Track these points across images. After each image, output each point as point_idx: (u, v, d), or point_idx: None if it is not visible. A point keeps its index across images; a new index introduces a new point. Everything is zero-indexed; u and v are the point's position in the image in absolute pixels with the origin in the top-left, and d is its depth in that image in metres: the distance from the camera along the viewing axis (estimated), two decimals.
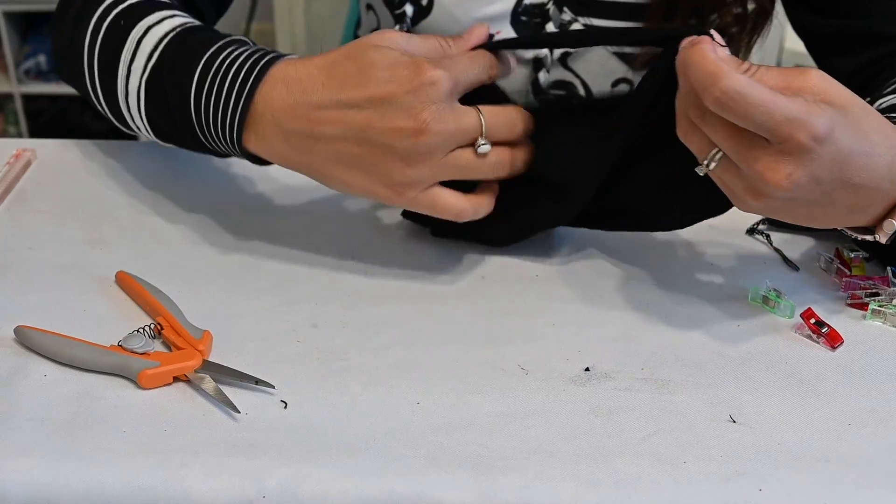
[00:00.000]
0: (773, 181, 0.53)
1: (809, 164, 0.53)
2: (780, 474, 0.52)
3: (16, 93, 2.03)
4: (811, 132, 0.52)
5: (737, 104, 0.52)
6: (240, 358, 0.59)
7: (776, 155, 0.53)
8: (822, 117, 0.53)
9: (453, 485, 0.51)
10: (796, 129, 0.52)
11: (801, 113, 0.52)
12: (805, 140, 0.52)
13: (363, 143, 0.60)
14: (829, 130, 0.53)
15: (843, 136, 0.54)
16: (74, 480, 0.50)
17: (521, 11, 0.86)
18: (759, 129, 0.53)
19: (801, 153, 0.53)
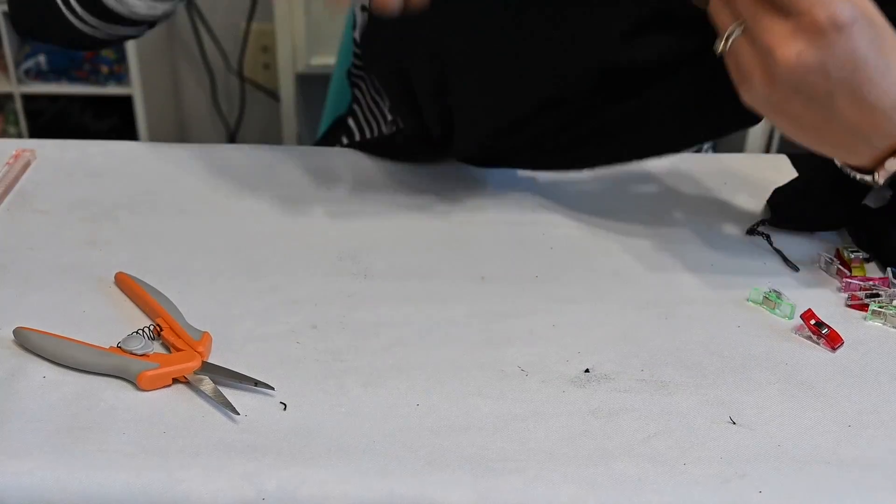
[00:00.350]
0: (783, 55, 0.52)
1: (822, 48, 0.52)
2: (781, 476, 0.52)
3: (16, 93, 2.03)
4: (831, 14, 0.51)
5: None
6: (239, 359, 0.59)
7: (792, 29, 0.52)
8: (847, 5, 0.52)
9: (453, 486, 0.51)
10: (817, 4, 0.51)
11: None
12: (823, 20, 0.51)
13: None
14: (851, 21, 0.51)
15: (863, 39, 0.52)
16: (73, 482, 0.50)
17: None
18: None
19: (817, 33, 0.51)
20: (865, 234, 0.71)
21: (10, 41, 1.98)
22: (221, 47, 2.14)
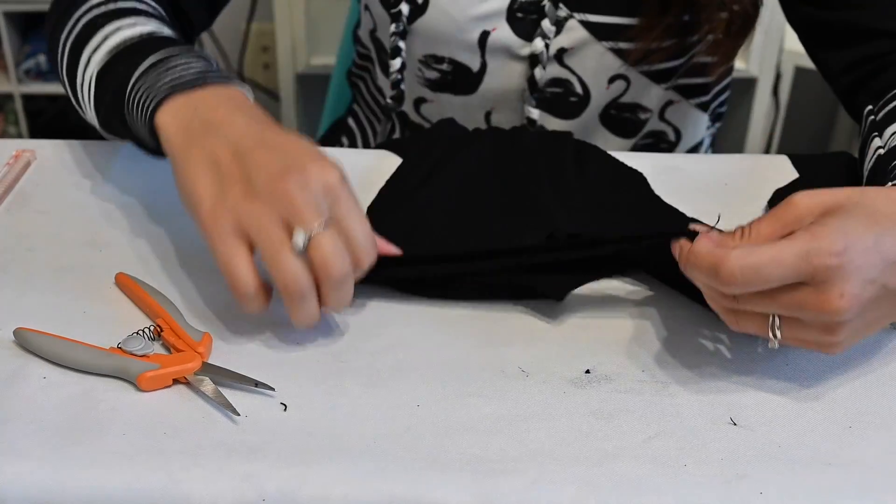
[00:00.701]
0: (833, 308, 0.52)
1: (850, 274, 0.52)
2: (781, 477, 0.52)
3: (16, 93, 2.02)
4: (829, 252, 0.52)
5: (748, 278, 0.52)
6: (239, 360, 0.59)
7: (817, 288, 0.52)
8: (829, 233, 0.52)
9: (453, 487, 0.50)
10: (814, 260, 0.52)
11: (809, 246, 0.52)
12: (829, 261, 0.52)
13: (236, 158, 0.59)
14: (844, 237, 0.52)
15: (860, 230, 0.53)
16: (74, 483, 0.50)
17: (516, 8, 0.86)
18: (784, 281, 0.53)
19: (836, 272, 0.52)
20: None
21: (10, 41, 1.98)
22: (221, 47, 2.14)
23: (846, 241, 0.52)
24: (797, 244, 0.52)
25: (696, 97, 0.96)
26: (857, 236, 0.53)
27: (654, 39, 0.85)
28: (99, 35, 0.71)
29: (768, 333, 0.55)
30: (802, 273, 0.52)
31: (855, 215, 0.54)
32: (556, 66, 0.88)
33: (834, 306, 0.52)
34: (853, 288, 0.52)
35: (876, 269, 0.53)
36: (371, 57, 1.01)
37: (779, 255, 0.52)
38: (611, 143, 0.94)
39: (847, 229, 0.53)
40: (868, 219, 0.54)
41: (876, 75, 0.79)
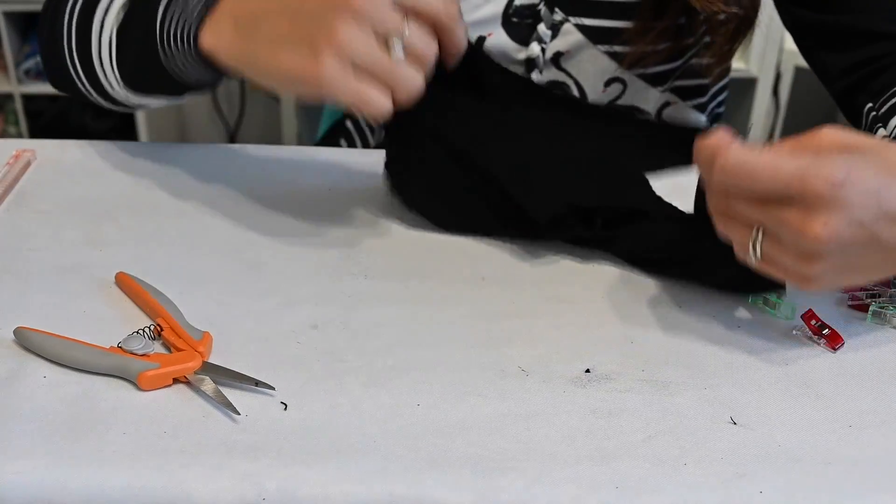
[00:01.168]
0: (812, 234, 0.52)
1: (840, 208, 0.52)
2: (781, 476, 0.52)
3: (16, 93, 2.02)
4: (826, 179, 0.51)
5: (738, 173, 0.52)
6: (239, 359, 0.59)
7: (804, 210, 0.52)
8: (833, 163, 0.52)
9: (453, 486, 0.51)
10: (810, 180, 0.51)
11: (808, 166, 0.52)
12: (822, 187, 0.51)
13: (296, 17, 0.61)
14: (845, 172, 0.52)
15: (867, 173, 0.53)
16: (74, 482, 0.50)
17: (511, 13, 0.86)
18: (773, 192, 0.52)
19: (826, 201, 0.52)
20: None
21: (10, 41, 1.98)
22: None
23: (847, 175, 0.52)
24: (798, 161, 0.52)
25: (694, 99, 0.96)
26: (861, 175, 0.52)
27: (650, 42, 0.85)
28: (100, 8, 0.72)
29: (748, 248, 0.55)
30: (792, 189, 0.52)
31: (869, 158, 0.54)
32: (552, 69, 0.88)
33: (814, 232, 0.52)
34: (839, 222, 0.52)
35: (869, 213, 0.53)
36: None
37: (776, 163, 0.52)
38: None
39: (854, 165, 0.52)
40: (880, 165, 0.53)
41: (874, 77, 0.79)
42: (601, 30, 0.85)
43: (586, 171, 0.72)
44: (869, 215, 0.53)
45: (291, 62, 0.61)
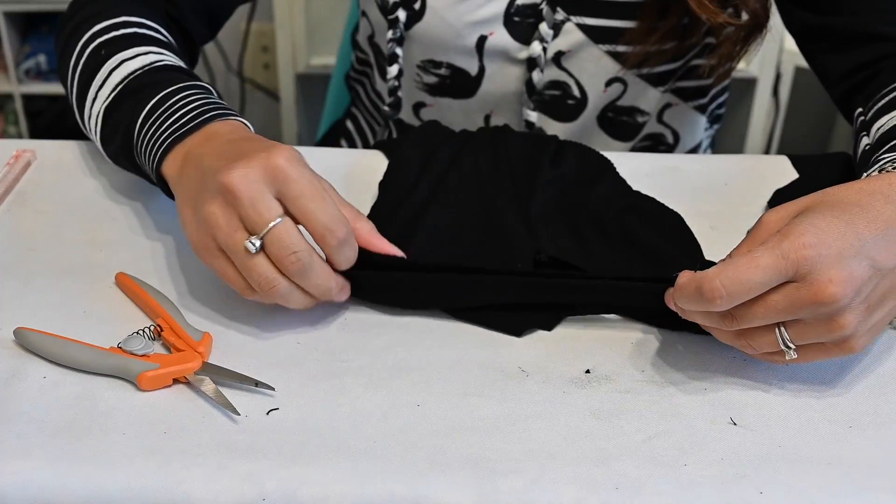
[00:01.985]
0: (827, 295, 0.52)
1: (830, 259, 0.52)
2: (781, 477, 0.52)
3: (16, 93, 2.02)
4: (802, 243, 0.52)
5: (731, 288, 0.52)
6: (239, 360, 0.59)
7: (805, 281, 0.53)
8: (797, 228, 0.53)
9: (453, 487, 0.50)
10: (790, 254, 0.52)
11: (779, 242, 0.53)
12: (806, 252, 0.52)
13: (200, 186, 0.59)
14: (813, 228, 0.53)
15: (829, 220, 0.54)
16: (74, 483, 0.50)
17: (513, 12, 0.86)
18: (768, 284, 0.53)
19: (816, 261, 0.52)
20: None
21: (10, 41, 1.98)
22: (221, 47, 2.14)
23: (816, 232, 0.53)
24: (770, 245, 0.53)
25: (695, 100, 0.95)
26: (826, 224, 0.53)
27: (653, 43, 0.85)
28: (104, 70, 0.72)
29: (780, 347, 0.55)
30: (783, 271, 0.52)
31: (820, 210, 0.55)
32: (553, 68, 0.88)
33: (826, 293, 0.52)
34: (840, 271, 0.52)
35: (854, 248, 0.53)
36: (370, 62, 1.01)
37: (754, 259, 0.53)
38: (609, 146, 0.94)
39: (815, 221, 0.54)
40: (834, 210, 0.55)
41: (869, 81, 0.78)
42: (603, 29, 0.85)
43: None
44: (854, 249, 0.53)
45: (185, 220, 0.61)
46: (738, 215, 0.75)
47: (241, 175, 0.56)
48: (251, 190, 0.56)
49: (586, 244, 0.69)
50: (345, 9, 1.29)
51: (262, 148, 0.58)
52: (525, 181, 0.75)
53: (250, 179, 0.57)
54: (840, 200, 0.56)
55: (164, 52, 0.74)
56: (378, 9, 0.91)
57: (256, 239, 0.57)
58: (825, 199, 0.56)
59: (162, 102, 0.67)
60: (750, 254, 0.53)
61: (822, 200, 0.56)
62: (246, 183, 0.56)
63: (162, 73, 0.70)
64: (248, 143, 0.61)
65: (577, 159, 0.78)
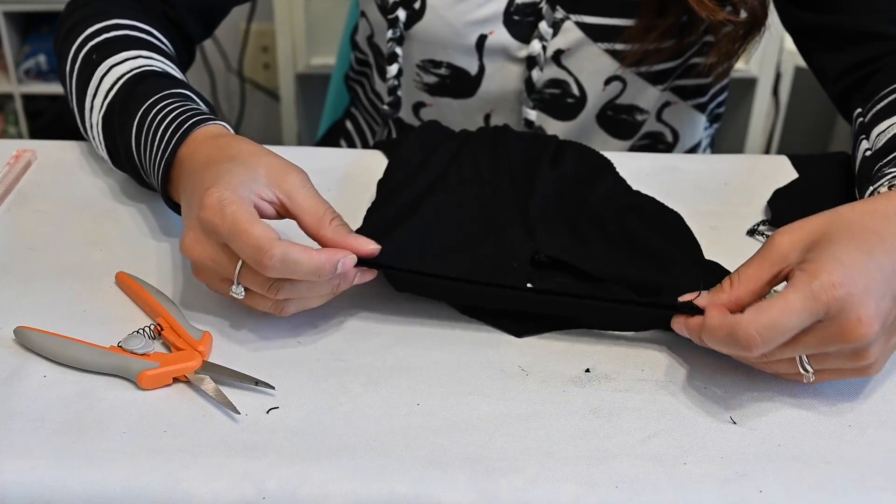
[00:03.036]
0: (856, 335, 0.52)
1: (860, 297, 0.52)
2: (781, 476, 0.52)
3: (16, 93, 2.02)
4: (831, 283, 0.52)
5: (767, 336, 0.52)
6: (239, 359, 0.59)
7: (834, 320, 0.53)
8: (824, 266, 0.53)
9: (453, 486, 0.51)
10: (821, 295, 0.52)
11: (809, 283, 0.52)
12: (836, 292, 0.52)
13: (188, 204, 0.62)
14: (840, 265, 0.53)
15: (852, 253, 0.53)
16: (74, 481, 0.50)
17: (513, 11, 0.86)
18: (802, 327, 0.53)
19: (846, 300, 0.52)
20: None
21: (10, 41, 1.98)
22: (221, 47, 2.14)
23: (843, 269, 0.52)
24: (800, 288, 0.52)
25: (694, 98, 0.95)
26: (851, 259, 0.53)
27: (652, 41, 0.85)
28: (95, 77, 0.74)
29: (799, 371, 0.55)
30: (816, 313, 0.52)
31: (839, 240, 0.54)
32: (553, 67, 0.88)
33: (856, 333, 0.52)
34: (868, 310, 0.52)
35: (880, 283, 0.53)
36: (369, 62, 1.01)
37: (787, 305, 0.52)
38: (608, 144, 0.94)
39: (838, 256, 0.53)
40: (853, 239, 0.54)
41: (868, 80, 0.78)
42: (602, 28, 0.85)
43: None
44: (881, 286, 0.53)
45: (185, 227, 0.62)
46: (738, 215, 0.75)
47: (189, 246, 0.60)
48: (203, 255, 0.59)
49: (586, 244, 0.69)
50: (345, 9, 1.29)
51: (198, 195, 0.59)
52: (525, 181, 0.75)
53: (196, 247, 0.59)
54: (857, 227, 0.55)
55: (151, 55, 0.75)
56: (378, 9, 0.91)
57: (238, 287, 0.59)
58: (840, 222, 0.56)
59: (140, 127, 0.68)
60: (781, 298, 0.52)
61: (839, 225, 0.56)
62: (195, 251, 0.60)
63: (142, 84, 0.71)
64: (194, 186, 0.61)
65: (577, 159, 0.78)
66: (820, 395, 0.58)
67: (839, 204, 0.58)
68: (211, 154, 0.63)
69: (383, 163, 0.80)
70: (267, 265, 0.56)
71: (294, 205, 0.61)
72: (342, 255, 0.59)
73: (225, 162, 0.61)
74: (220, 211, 0.57)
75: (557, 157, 0.78)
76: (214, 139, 0.65)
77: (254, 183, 0.60)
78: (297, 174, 0.62)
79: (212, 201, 0.58)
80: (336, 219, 0.62)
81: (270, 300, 0.59)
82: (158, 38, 0.78)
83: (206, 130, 0.66)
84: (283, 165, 0.62)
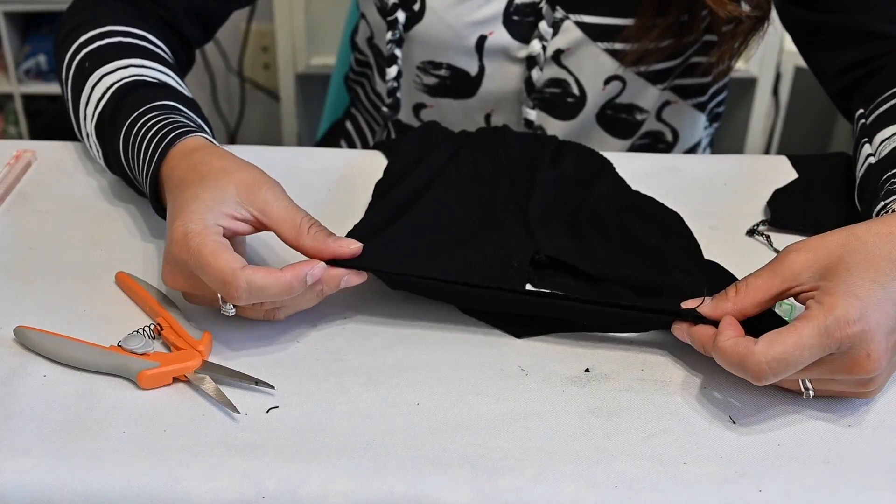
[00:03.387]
0: (864, 370, 0.53)
1: (872, 334, 0.52)
2: (780, 476, 0.52)
3: (16, 93, 2.02)
4: (847, 320, 0.52)
5: (777, 369, 0.52)
6: (239, 359, 0.59)
7: (845, 355, 0.53)
8: (840, 300, 0.53)
9: (453, 485, 0.51)
10: (835, 332, 0.52)
11: (824, 319, 0.52)
12: (850, 330, 0.52)
13: None
14: (856, 301, 0.53)
15: (868, 285, 0.53)
16: (74, 481, 0.50)
17: (512, 11, 0.86)
18: (812, 360, 0.53)
19: (859, 337, 0.52)
20: None
21: (10, 41, 1.98)
22: (221, 47, 2.14)
23: (859, 304, 0.52)
24: (815, 323, 0.52)
25: (694, 98, 0.95)
26: (867, 293, 0.53)
27: (651, 40, 0.85)
28: (87, 86, 0.74)
29: (800, 388, 0.56)
30: (827, 348, 0.52)
31: (855, 269, 0.54)
32: (553, 66, 0.88)
33: (864, 368, 0.53)
34: (878, 345, 0.53)
35: (892, 318, 0.53)
36: (369, 63, 1.01)
37: (800, 340, 0.52)
38: (608, 143, 0.94)
39: (855, 290, 0.53)
40: (869, 267, 0.54)
41: (868, 79, 0.78)
42: (601, 27, 0.85)
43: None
44: (893, 320, 0.53)
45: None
46: (738, 215, 0.75)
47: (168, 280, 0.60)
48: (183, 286, 0.60)
49: (585, 244, 0.69)
50: (345, 9, 1.29)
51: (169, 227, 0.60)
52: (524, 181, 0.75)
53: (175, 279, 0.60)
54: (874, 253, 0.55)
55: (143, 62, 0.75)
56: (377, 11, 0.91)
57: (226, 305, 0.59)
58: (857, 246, 0.55)
59: (126, 140, 0.69)
60: (795, 332, 0.52)
61: (855, 249, 0.55)
62: (176, 283, 0.60)
63: (129, 96, 0.71)
64: (169, 212, 0.61)
65: (577, 159, 0.78)
66: (819, 395, 0.58)
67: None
68: (184, 175, 0.63)
69: (383, 163, 0.80)
70: (234, 296, 0.56)
71: (269, 219, 0.61)
72: (308, 267, 0.58)
73: (196, 185, 0.61)
74: (185, 245, 0.58)
75: (557, 158, 0.78)
76: (190, 155, 0.65)
77: (223, 205, 0.60)
78: (269, 188, 0.62)
79: (177, 235, 0.58)
80: (314, 225, 0.62)
81: (260, 311, 0.60)
82: (154, 42, 0.78)
83: (184, 146, 0.66)
84: (255, 180, 0.62)
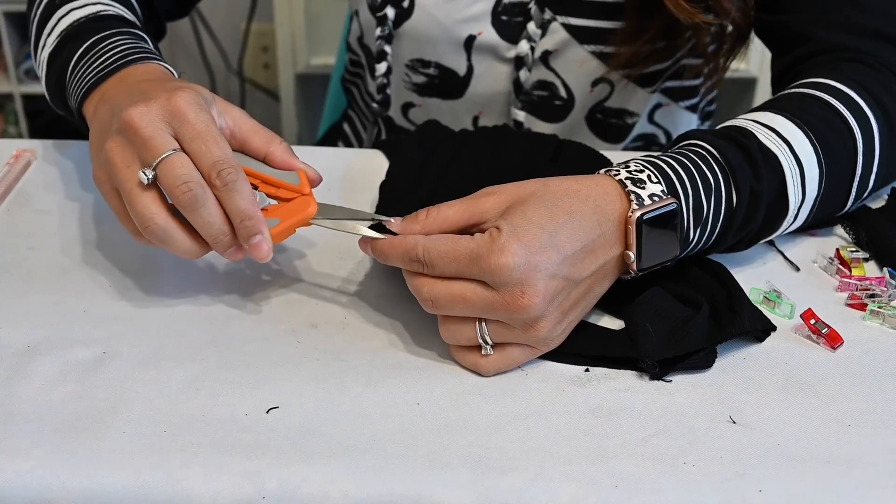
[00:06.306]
0: (518, 306, 0.55)
1: (527, 275, 0.54)
2: (781, 475, 0.52)
3: (16, 93, 2.02)
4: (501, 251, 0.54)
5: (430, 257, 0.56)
6: (239, 359, 0.59)
7: (499, 290, 0.55)
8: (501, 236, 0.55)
9: (453, 485, 0.51)
10: (488, 258, 0.54)
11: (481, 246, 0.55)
12: (500, 261, 0.54)
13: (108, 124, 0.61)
14: (516, 241, 0.54)
15: (535, 230, 0.55)
16: (74, 481, 0.50)
17: (501, 11, 0.86)
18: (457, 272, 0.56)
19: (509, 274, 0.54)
20: (865, 234, 0.71)
21: (10, 41, 1.98)
22: (221, 47, 2.14)
23: (518, 244, 0.54)
24: (474, 243, 0.55)
25: (685, 100, 0.95)
26: (532, 237, 0.55)
27: (637, 44, 0.85)
28: (54, 18, 0.74)
29: (479, 342, 0.57)
30: (476, 272, 0.55)
31: (532, 213, 0.56)
32: (541, 68, 0.88)
33: (520, 305, 0.54)
34: (535, 287, 0.54)
35: (554, 264, 0.55)
36: (362, 63, 1.01)
37: (456, 244, 0.55)
38: (599, 148, 0.94)
39: (520, 232, 0.55)
40: (544, 214, 0.56)
41: (791, 81, 0.75)
42: (587, 30, 0.85)
43: None
44: (554, 266, 0.55)
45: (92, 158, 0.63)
46: None
47: (140, 113, 0.58)
48: (148, 126, 0.58)
49: None
50: (344, 9, 1.29)
51: (167, 89, 0.60)
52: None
53: (149, 118, 0.58)
54: (552, 204, 0.57)
55: (112, 2, 0.75)
56: (367, 7, 0.91)
57: (149, 170, 0.57)
58: (543, 194, 0.57)
59: (91, 48, 0.69)
60: (455, 238, 0.56)
61: (539, 197, 0.57)
62: (144, 120, 0.58)
63: (101, 22, 0.72)
64: (156, 84, 0.62)
65: (577, 159, 0.78)
66: (820, 395, 0.58)
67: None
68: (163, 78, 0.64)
69: (383, 163, 0.80)
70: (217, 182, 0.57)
71: (240, 129, 0.62)
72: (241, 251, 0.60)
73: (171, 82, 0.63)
74: (196, 107, 0.59)
75: (557, 156, 0.78)
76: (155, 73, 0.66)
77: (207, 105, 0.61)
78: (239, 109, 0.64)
79: (192, 97, 0.59)
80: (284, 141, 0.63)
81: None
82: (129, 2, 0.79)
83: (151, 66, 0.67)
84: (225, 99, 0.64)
